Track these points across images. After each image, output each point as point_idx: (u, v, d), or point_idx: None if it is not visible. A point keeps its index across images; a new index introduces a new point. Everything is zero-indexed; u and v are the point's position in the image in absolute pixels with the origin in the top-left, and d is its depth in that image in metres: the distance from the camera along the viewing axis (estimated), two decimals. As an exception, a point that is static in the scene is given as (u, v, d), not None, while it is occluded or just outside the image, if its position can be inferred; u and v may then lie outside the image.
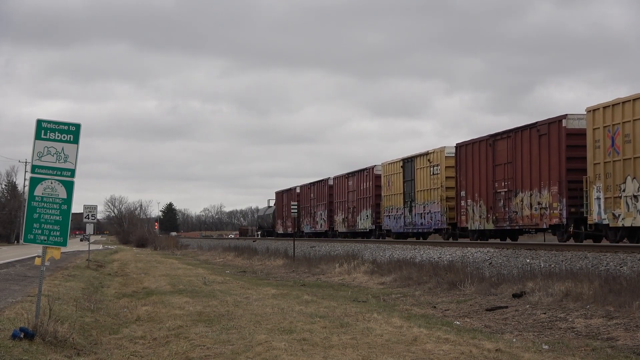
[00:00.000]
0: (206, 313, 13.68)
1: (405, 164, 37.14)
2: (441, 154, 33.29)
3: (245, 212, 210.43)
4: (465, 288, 17.96)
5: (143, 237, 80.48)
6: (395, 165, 38.25)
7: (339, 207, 47.90)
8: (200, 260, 43.36)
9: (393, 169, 38.62)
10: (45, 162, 10.45)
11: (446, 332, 11.45)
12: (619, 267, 16.40)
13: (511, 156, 27.68)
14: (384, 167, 39.85)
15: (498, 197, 28.61)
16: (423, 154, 35.14)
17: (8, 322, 10.70)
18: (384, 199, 39.71)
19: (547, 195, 25.46)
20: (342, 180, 47.21)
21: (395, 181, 38.11)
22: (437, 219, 33.65)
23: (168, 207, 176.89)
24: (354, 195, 44.74)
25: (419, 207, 35.45)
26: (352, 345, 9.91)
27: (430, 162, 34.24)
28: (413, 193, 36.03)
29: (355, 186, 44.61)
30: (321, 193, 52.30)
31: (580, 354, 9.75)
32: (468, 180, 30.80)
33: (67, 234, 10.52)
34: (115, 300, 17.13)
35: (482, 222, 29.71)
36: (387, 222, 39.41)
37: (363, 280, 23.13)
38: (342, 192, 47.19)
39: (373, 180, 41.71)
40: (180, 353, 9.72)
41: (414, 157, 36.14)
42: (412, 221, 36.15)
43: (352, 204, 45.09)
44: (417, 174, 35.69)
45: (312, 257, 32.55)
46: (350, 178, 45.66)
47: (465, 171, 31.01)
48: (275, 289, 19.40)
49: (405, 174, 37.04)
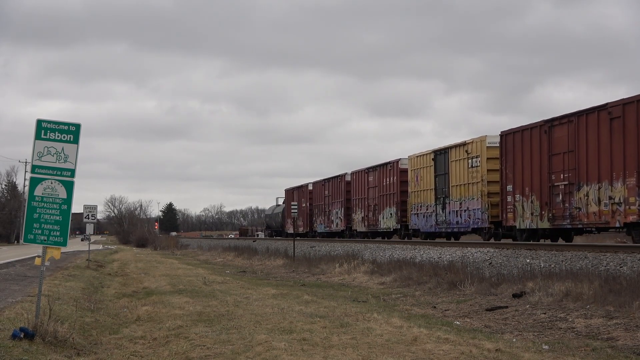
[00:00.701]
0: (206, 313, 13.68)
1: (437, 156, 33.59)
2: (482, 144, 29.75)
3: (245, 212, 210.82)
4: (465, 288, 17.96)
5: (143, 237, 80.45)
6: (425, 157, 34.79)
7: (357, 205, 44.28)
8: (200, 260, 43.36)
9: (422, 162, 35.10)
10: (45, 162, 10.45)
11: (446, 332, 11.45)
12: (619, 267, 16.40)
13: (572, 144, 24.01)
14: (411, 160, 36.41)
15: (555, 192, 24.96)
16: (459, 145, 31.52)
17: (8, 322, 10.70)
18: (411, 196, 36.44)
19: (621, 189, 21.99)
20: (362, 176, 43.45)
21: (425, 175, 34.72)
22: (477, 216, 30.10)
23: (168, 207, 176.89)
24: (375, 192, 41.26)
25: (454, 203, 31.95)
26: (352, 345, 9.91)
27: (469, 154, 30.61)
28: (447, 188, 32.61)
29: (376, 182, 41.00)
30: (337, 190, 48.72)
31: (580, 354, 9.75)
32: (516, 172, 27.24)
33: (67, 234, 10.53)
34: (115, 300, 17.13)
35: (535, 220, 26.01)
36: (415, 221, 36.07)
37: (363, 280, 23.13)
38: (361, 189, 43.53)
39: (398, 175, 38.13)
40: (180, 353, 9.73)
41: (448, 149, 32.53)
42: (446, 219, 32.71)
43: (373, 201, 41.58)
44: (451, 167, 32.07)
45: (312, 257, 32.54)
46: (371, 173, 41.85)
47: (513, 162, 27.37)
48: (275, 289, 19.40)
49: (438, 167, 33.48)
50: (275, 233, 69.36)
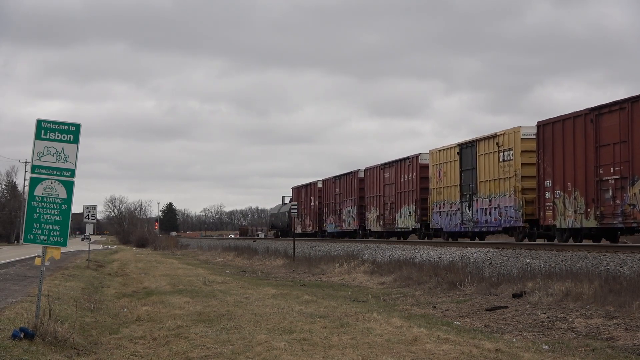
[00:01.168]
0: (206, 313, 13.68)
1: (463, 150, 31.10)
2: (515, 136, 27.24)
3: (245, 212, 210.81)
4: (465, 288, 17.97)
5: (143, 237, 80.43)
6: (449, 152, 32.34)
7: (371, 203, 41.44)
8: (200, 260, 43.37)
9: (446, 156, 32.61)
10: (45, 162, 10.45)
11: (446, 332, 11.45)
12: (619, 267, 16.40)
13: (625, 134, 21.57)
14: (433, 155, 33.85)
15: (603, 187, 22.51)
16: (489, 137, 29.02)
17: (8, 322, 10.70)
18: (432, 193, 33.85)
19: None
20: (377, 172, 40.79)
21: (449, 171, 32.20)
22: (509, 214, 27.55)
23: (168, 207, 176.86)
24: (391, 189, 38.60)
25: (482, 201, 29.39)
26: (352, 345, 9.91)
27: (500, 146, 28.09)
28: (474, 184, 30.07)
29: (393, 178, 38.40)
30: (349, 187, 45.97)
31: (580, 354, 9.75)
32: (556, 166, 24.72)
33: (67, 234, 10.53)
34: (115, 300, 17.13)
35: (579, 219, 23.44)
36: (437, 220, 33.48)
37: (363, 280, 23.14)
38: (376, 186, 40.82)
39: (417, 170, 35.51)
40: (180, 353, 9.73)
41: (475, 142, 30.01)
42: (473, 218, 30.11)
43: (389, 199, 38.92)
44: (480, 162, 29.58)
45: (312, 257, 32.55)
46: (387, 169, 39.25)
47: (552, 155, 24.84)
48: (275, 289, 19.40)
49: (464, 161, 30.97)
50: (281, 233, 66.61)
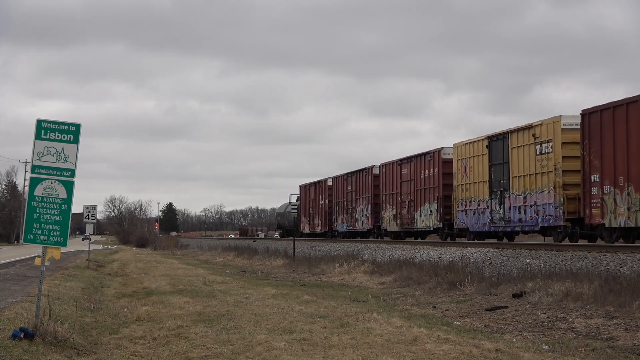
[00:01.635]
0: (206, 313, 13.68)
1: (492, 142, 28.80)
2: (555, 126, 24.79)
3: (245, 212, 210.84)
4: (465, 288, 17.97)
5: (143, 237, 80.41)
6: (477, 145, 29.97)
7: (387, 201, 39.01)
8: (200, 260, 43.37)
9: (473, 150, 30.25)
10: (45, 162, 10.45)
11: (446, 332, 11.45)
12: (619, 267, 16.40)
13: None
14: (458, 149, 31.45)
15: None
16: (523, 128, 26.76)
17: (8, 322, 10.70)
18: (457, 190, 31.42)
19: None
20: (393, 168, 38.43)
21: (477, 166, 29.89)
22: (548, 212, 25.09)
23: (168, 207, 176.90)
24: (410, 186, 36.28)
25: (516, 198, 27.03)
26: (352, 345, 9.91)
27: (537, 138, 25.72)
28: (505, 180, 27.76)
29: (412, 174, 36.09)
30: (363, 184, 43.20)
31: (580, 354, 9.75)
32: (605, 159, 22.36)
33: (67, 234, 10.53)
34: (115, 300, 17.13)
35: (633, 217, 21.20)
36: (463, 219, 31.04)
37: (363, 280, 23.14)
38: (392, 183, 38.43)
39: (440, 166, 33.24)
40: (180, 353, 9.73)
41: (507, 133, 27.70)
42: (504, 216, 27.80)
43: (407, 196, 36.53)
44: (513, 155, 27.22)
45: (312, 257, 32.55)
46: (405, 165, 36.96)
47: (600, 147, 22.52)
48: (275, 289, 19.40)
49: (493, 155, 28.68)
50: (287, 233, 63.19)
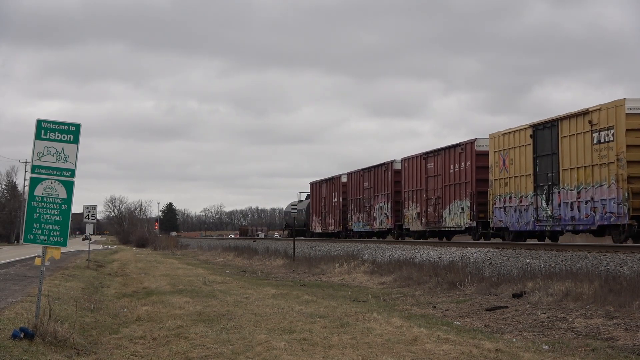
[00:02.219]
0: (206, 313, 13.68)
1: (538, 131, 25.74)
2: (617, 111, 21.92)
3: (245, 212, 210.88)
4: (465, 288, 17.96)
5: (143, 237, 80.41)
6: (519, 135, 26.95)
7: (410, 198, 36.21)
8: (200, 260, 43.37)
9: (514, 140, 27.26)
10: (45, 162, 10.45)
11: (446, 332, 11.45)
12: (619, 267, 16.40)
13: None
14: (495, 140, 28.49)
15: None
16: (577, 114, 23.79)
17: (8, 322, 10.70)
18: (494, 185, 28.48)
19: None
20: (417, 163, 35.72)
21: (519, 158, 26.85)
22: (609, 210, 22.26)
23: (168, 207, 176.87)
24: (436, 182, 33.60)
25: (567, 193, 24.05)
26: (352, 345, 9.91)
27: (594, 125, 22.99)
28: (554, 173, 24.74)
29: (438, 169, 33.39)
30: (382, 180, 40.42)
31: (580, 354, 9.75)
32: None
33: (67, 234, 10.53)
34: (115, 300, 17.13)
35: None
36: (501, 217, 28.11)
37: (363, 280, 23.13)
38: (416, 178, 35.68)
39: (473, 159, 30.45)
40: (180, 353, 9.73)
41: (557, 121, 24.64)
42: (553, 214, 24.77)
43: (433, 193, 33.87)
44: (563, 145, 24.24)
45: (312, 257, 32.54)
46: (432, 159, 34.17)
47: None
48: (275, 289, 19.40)
49: (539, 145, 25.66)
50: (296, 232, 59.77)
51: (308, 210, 55.60)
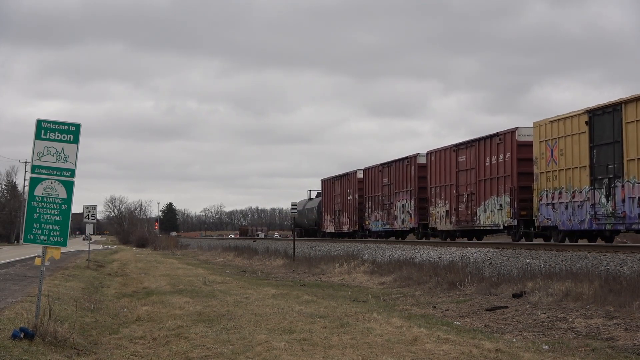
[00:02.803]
0: (206, 313, 13.68)
1: (596, 117, 22.71)
2: None
3: (245, 212, 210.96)
4: (465, 288, 17.97)
5: (143, 237, 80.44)
6: (572, 122, 23.85)
7: (438, 195, 33.49)
8: (200, 260, 43.37)
9: (565, 128, 24.16)
10: (45, 162, 10.45)
11: (446, 332, 11.45)
12: (619, 267, 16.41)
13: None
14: (541, 128, 25.49)
15: None
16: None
17: (8, 322, 10.70)
18: (539, 179, 25.50)
19: None
20: (445, 156, 32.93)
21: (571, 148, 23.82)
22: None
23: (168, 207, 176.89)
24: (469, 176, 30.82)
25: (633, 187, 21.22)
26: (352, 345, 9.91)
27: None
28: (617, 165, 21.81)
29: (472, 162, 30.58)
30: (404, 176, 37.59)
31: (580, 354, 9.75)
32: None
33: (67, 234, 10.53)
34: (115, 300, 17.14)
35: None
36: (549, 214, 25.07)
37: (363, 280, 23.14)
38: (445, 173, 32.96)
39: (514, 150, 27.62)
40: (180, 353, 9.73)
41: (619, 105, 21.62)
42: (615, 211, 21.90)
43: (466, 188, 31.03)
44: (628, 132, 21.22)
45: (312, 257, 32.55)
46: (463, 151, 31.34)
47: None
48: (275, 289, 19.41)
49: (597, 133, 22.65)
50: (305, 233, 57.13)
51: (319, 209, 52.48)
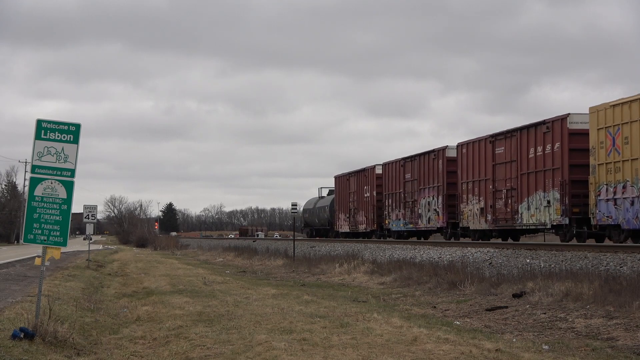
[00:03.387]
0: (206, 313, 13.68)
1: None
2: None
3: (245, 212, 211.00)
4: (465, 288, 17.97)
5: (143, 237, 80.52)
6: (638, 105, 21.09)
7: (471, 191, 30.47)
8: (200, 260, 43.35)
9: (631, 113, 21.27)
10: (45, 162, 10.46)
11: (446, 332, 11.45)
12: (619, 267, 16.41)
13: None
14: (599, 114, 22.72)
15: None
16: None
17: (8, 322, 10.70)
18: (597, 171, 22.65)
19: None
20: (480, 148, 29.99)
21: (638, 135, 21.05)
22: None
23: (168, 207, 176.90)
24: (509, 170, 27.78)
25: None
26: (352, 345, 9.91)
27: None
28: None
29: (513, 154, 27.57)
30: (429, 171, 34.64)
31: (580, 354, 9.75)
32: None
33: (67, 234, 10.53)
34: (115, 300, 17.14)
35: None
36: (609, 211, 22.25)
37: (363, 280, 23.13)
38: (477, 167, 30.14)
39: (565, 139, 24.65)
40: (180, 353, 9.73)
41: None
42: None
43: (505, 183, 28.07)
44: None
45: (312, 257, 32.55)
46: (502, 142, 28.39)
47: None
48: (275, 289, 19.41)
49: None
50: (316, 232, 53.73)
51: (332, 207, 49.32)
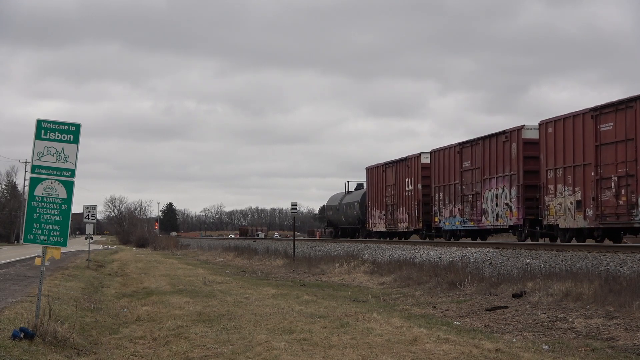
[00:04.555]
0: (206, 313, 13.68)
1: None
2: None
3: (245, 212, 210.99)
4: (465, 288, 17.96)
5: (143, 237, 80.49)
6: None
7: (560, 180, 24.56)
8: (200, 260, 43.35)
9: None
10: (45, 162, 10.46)
11: (446, 332, 11.45)
12: (619, 267, 16.41)
13: None
14: None
15: None
16: None
17: (8, 322, 10.70)
18: None
19: None
20: (573, 126, 23.98)
21: None
22: None
23: (168, 207, 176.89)
24: (620, 152, 21.88)
25: None
26: (352, 345, 9.91)
27: None
28: None
29: (627, 131, 21.52)
30: (497, 157, 28.71)
31: (580, 354, 9.75)
32: None
33: (67, 234, 10.53)
34: (115, 300, 17.14)
35: None
36: None
37: (363, 280, 23.13)
38: (570, 150, 24.08)
39: None
40: (180, 353, 9.73)
41: None
42: None
43: (612, 169, 22.16)
44: None
45: (312, 257, 32.54)
46: (607, 117, 22.33)
47: None
48: (275, 289, 19.41)
49: None
50: (342, 232, 48.16)
51: (363, 204, 43.75)
